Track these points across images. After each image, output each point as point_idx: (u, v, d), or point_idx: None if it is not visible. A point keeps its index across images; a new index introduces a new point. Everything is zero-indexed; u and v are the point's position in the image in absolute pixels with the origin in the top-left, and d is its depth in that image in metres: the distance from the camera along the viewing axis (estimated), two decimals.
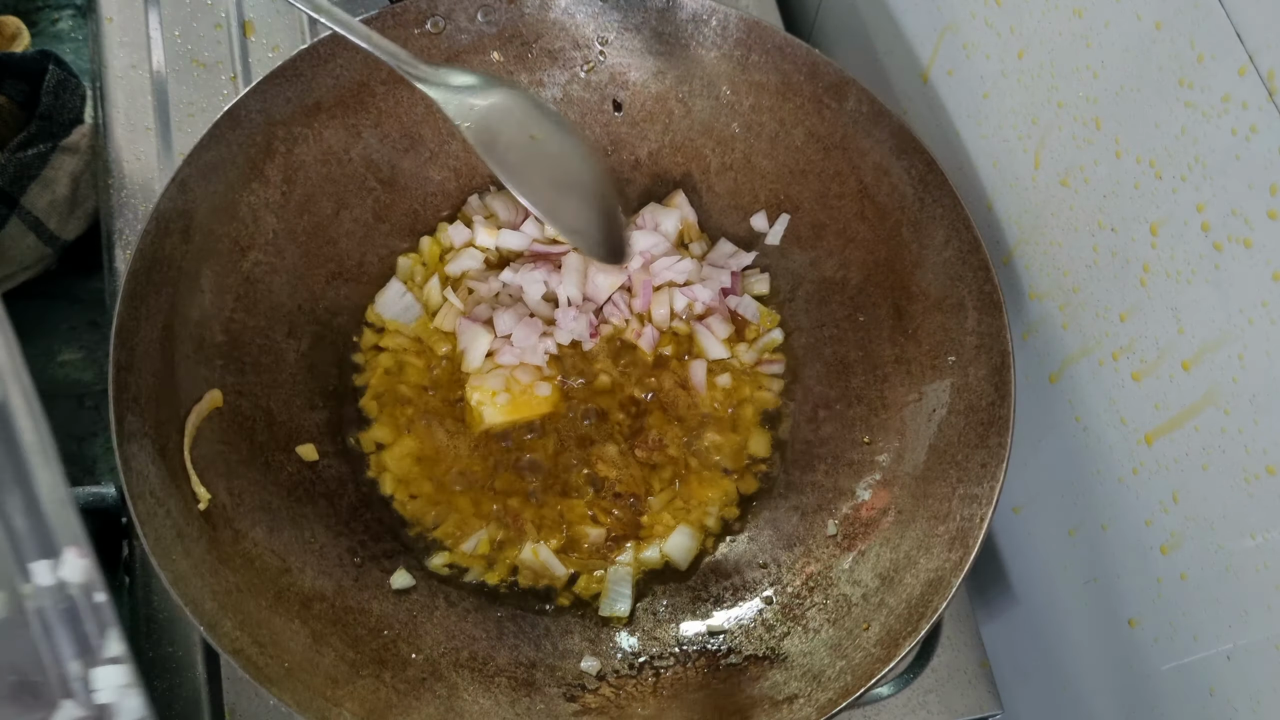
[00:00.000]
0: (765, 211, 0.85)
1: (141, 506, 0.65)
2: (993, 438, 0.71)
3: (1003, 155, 0.76)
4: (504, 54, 0.83)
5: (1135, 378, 0.66)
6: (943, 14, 0.79)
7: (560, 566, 0.78)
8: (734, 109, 0.84)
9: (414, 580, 0.76)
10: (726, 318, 0.85)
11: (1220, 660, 0.63)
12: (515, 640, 0.75)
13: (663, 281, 0.84)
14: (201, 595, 0.65)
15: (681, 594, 0.78)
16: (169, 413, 0.70)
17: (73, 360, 1.08)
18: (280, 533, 0.72)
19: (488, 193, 0.86)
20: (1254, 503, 0.58)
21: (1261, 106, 0.52)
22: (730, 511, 0.81)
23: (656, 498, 0.80)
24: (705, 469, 0.82)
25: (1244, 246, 0.55)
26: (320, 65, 0.78)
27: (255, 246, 0.76)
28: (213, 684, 0.76)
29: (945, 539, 0.70)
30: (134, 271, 0.70)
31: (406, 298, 0.82)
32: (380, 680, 0.68)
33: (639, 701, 0.72)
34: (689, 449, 0.82)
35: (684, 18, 0.82)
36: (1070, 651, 0.80)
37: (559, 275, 0.83)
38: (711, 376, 0.84)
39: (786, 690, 0.69)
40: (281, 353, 0.78)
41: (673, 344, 0.84)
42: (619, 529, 0.79)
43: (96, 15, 0.95)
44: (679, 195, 0.86)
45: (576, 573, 0.78)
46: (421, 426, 0.80)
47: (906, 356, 0.78)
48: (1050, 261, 0.73)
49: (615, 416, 0.82)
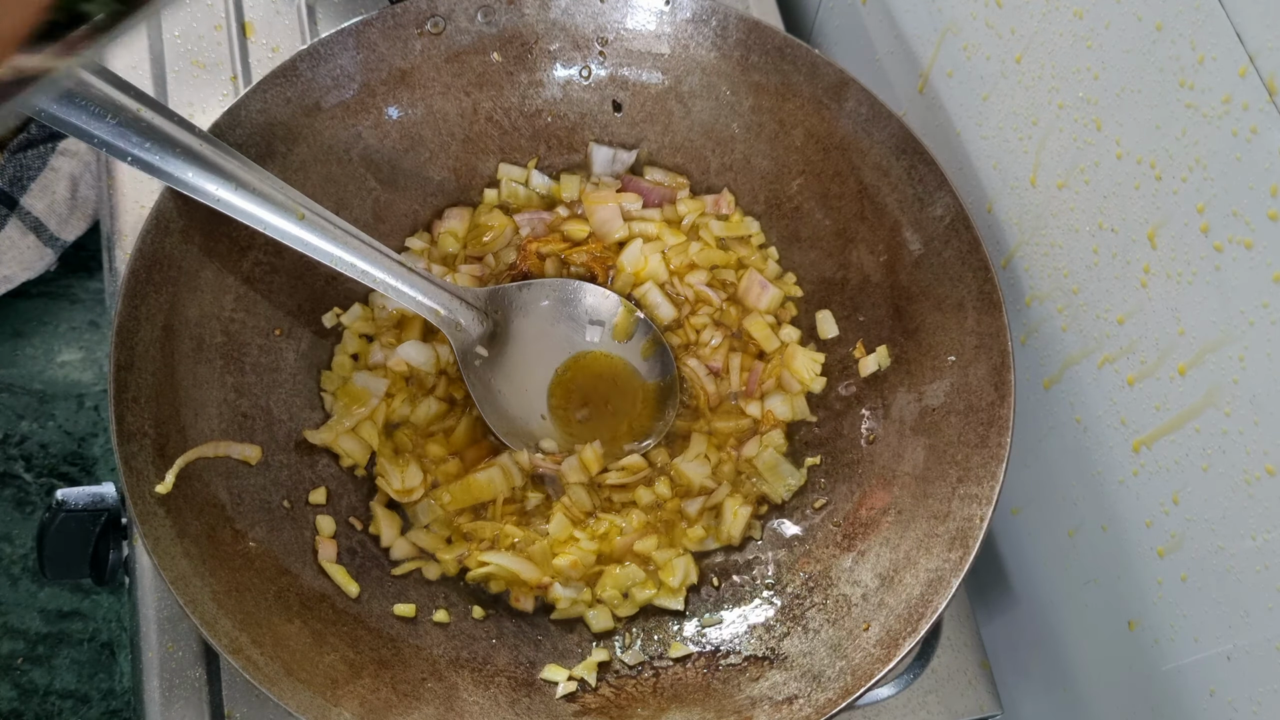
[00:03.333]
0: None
1: (141, 506, 0.65)
2: (993, 438, 0.71)
3: (1003, 156, 0.76)
4: (504, 54, 0.83)
5: (1135, 379, 0.66)
6: (943, 15, 0.79)
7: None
8: (734, 109, 0.84)
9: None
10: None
11: (1220, 661, 0.63)
12: (515, 640, 0.75)
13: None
14: (201, 595, 0.65)
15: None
16: (169, 412, 0.70)
17: (73, 360, 1.08)
18: (280, 533, 0.72)
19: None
20: (1254, 504, 0.58)
21: (1262, 108, 0.52)
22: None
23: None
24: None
25: (1244, 248, 0.55)
26: (320, 65, 0.78)
27: (255, 246, 0.76)
28: (213, 684, 0.76)
29: (945, 539, 0.70)
30: (134, 271, 0.70)
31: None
32: (380, 680, 0.68)
33: (639, 702, 0.72)
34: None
35: (684, 18, 0.82)
36: (1070, 652, 0.80)
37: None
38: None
39: (786, 690, 0.69)
40: (281, 353, 0.78)
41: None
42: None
43: None
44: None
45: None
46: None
47: (906, 356, 0.78)
48: (1050, 263, 0.73)
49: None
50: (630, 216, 0.86)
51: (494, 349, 0.80)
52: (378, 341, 0.81)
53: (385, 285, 0.73)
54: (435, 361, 0.81)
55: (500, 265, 0.85)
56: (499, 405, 0.80)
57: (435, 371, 0.81)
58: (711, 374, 0.83)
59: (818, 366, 0.82)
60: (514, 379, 0.81)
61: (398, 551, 0.76)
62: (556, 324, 0.82)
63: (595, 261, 0.84)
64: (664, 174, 0.87)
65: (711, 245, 0.85)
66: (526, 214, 0.86)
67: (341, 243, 0.71)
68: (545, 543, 0.77)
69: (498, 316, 0.80)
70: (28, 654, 1.02)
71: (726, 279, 0.85)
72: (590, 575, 0.77)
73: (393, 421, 0.79)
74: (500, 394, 0.80)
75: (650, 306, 0.84)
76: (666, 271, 0.84)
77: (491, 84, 0.84)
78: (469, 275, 0.84)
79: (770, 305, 0.84)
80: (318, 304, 0.80)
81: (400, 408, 0.79)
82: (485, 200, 0.86)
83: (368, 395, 0.79)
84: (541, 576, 0.76)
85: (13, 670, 1.01)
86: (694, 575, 0.78)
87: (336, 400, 0.79)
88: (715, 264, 0.85)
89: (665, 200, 0.86)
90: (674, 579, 0.77)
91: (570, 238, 0.85)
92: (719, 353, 0.83)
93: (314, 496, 0.75)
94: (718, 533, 0.79)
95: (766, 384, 0.83)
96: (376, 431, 0.78)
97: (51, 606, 1.04)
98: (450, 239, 0.84)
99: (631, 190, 0.86)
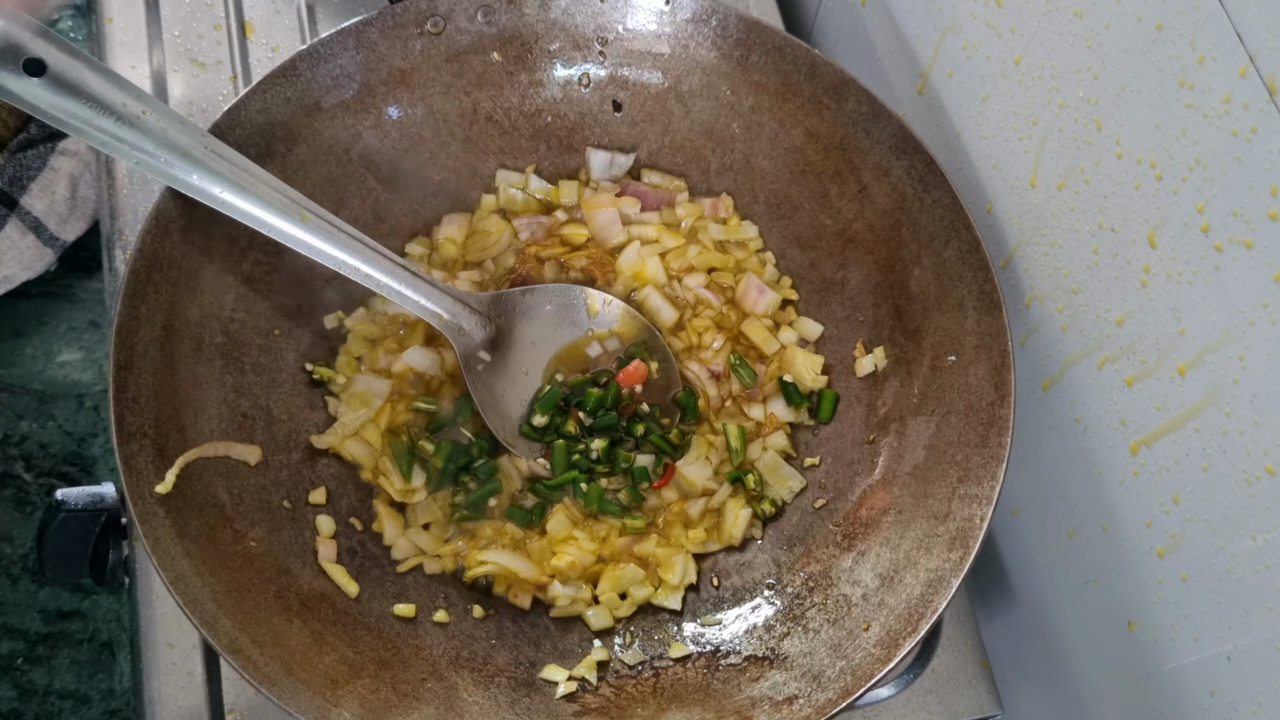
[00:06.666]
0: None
1: (141, 506, 0.65)
2: (993, 438, 0.71)
3: (1003, 156, 0.76)
4: (504, 54, 0.83)
5: (1135, 379, 0.66)
6: (943, 15, 0.79)
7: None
8: (734, 109, 0.84)
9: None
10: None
11: (1220, 661, 0.63)
12: (515, 640, 0.75)
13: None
14: (201, 595, 0.65)
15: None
16: (169, 412, 0.70)
17: (73, 360, 1.08)
18: (280, 533, 0.72)
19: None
20: (1254, 504, 0.58)
21: (1262, 108, 0.52)
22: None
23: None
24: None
25: (1244, 247, 0.55)
26: (320, 65, 0.78)
27: (255, 246, 0.76)
28: (213, 684, 0.76)
29: (945, 539, 0.70)
30: (134, 271, 0.70)
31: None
32: (380, 680, 0.68)
33: (639, 702, 0.72)
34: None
35: (684, 18, 0.82)
36: (1070, 652, 0.80)
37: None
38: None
39: (786, 690, 0.69)
40: (281, 353, 0.78)
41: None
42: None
43: (96, 15, 0.95)
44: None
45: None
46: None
47: (906, 356, 0.78)
48: (1050, 263, 0.73)
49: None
50: (629, 220, 0.86)
51: (496, 353, 0.80)
52: (381, 347, 0.81)
53: (389, 289, 0.73)
54: (440, 366, 0.81)
55: (500, 270, 0.85)
56: (501, 409, 0.80)
57: (442, 376, 0.81)
58: (713, 377, 0.83)
59: (818, 367, 0.82)
60: (516, 383, 0.81)
61: (400, 550, 0.76)
62: (559, 329, 0.82)
63: (594, 265, 0.84)
64: (662, 177, 0.87)
65: (710, 248, 0.85)
66: (525, 219, 0.86)
67: (345, 246, 0.71)
68: (544, 541, 0.77)
69: (500, 321, 0.80)
70: (28, 654, 1.02)
71: (725, 283, 0.85)
72: (590, 574, 0.77)
73: (396, 424, 0.79)
74: (503, 398, 0.80)
75: (651, 310, 0.84)
76: (665, 274, 0.84)
77: (491, 84, 0.84)
78: (469, 280, 0.84)
79: (768, 309, 0.84)
80: (318, 304, 0.80)
81: (403, 412, 0.79)
82: (483, 206, 0.86)
83: (371, 398, 0.79)
84: (540, 575, 0.76)
85: (13, 670, 1.01)
86: (693, 574, 0.78)
87: (341, 403, 0.79)
88: (713, 266, 0.85)
89: (663, 204, 0.86)
90: (673, 577, 0.77)
91: (569, 242, 0.85)
92: (720, 356, 0.83)
93: (314, 496, 0.75)
94: (719, 534, 0.79)
95: (768, 386, 0.83)
96: (380, 434, 0.78)
97: (51, 606, 1.04)
98: (450, 245, 0.84)
99: (630, 194, 0.86)
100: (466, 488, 0.79)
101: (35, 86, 0.61)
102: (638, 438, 0.80)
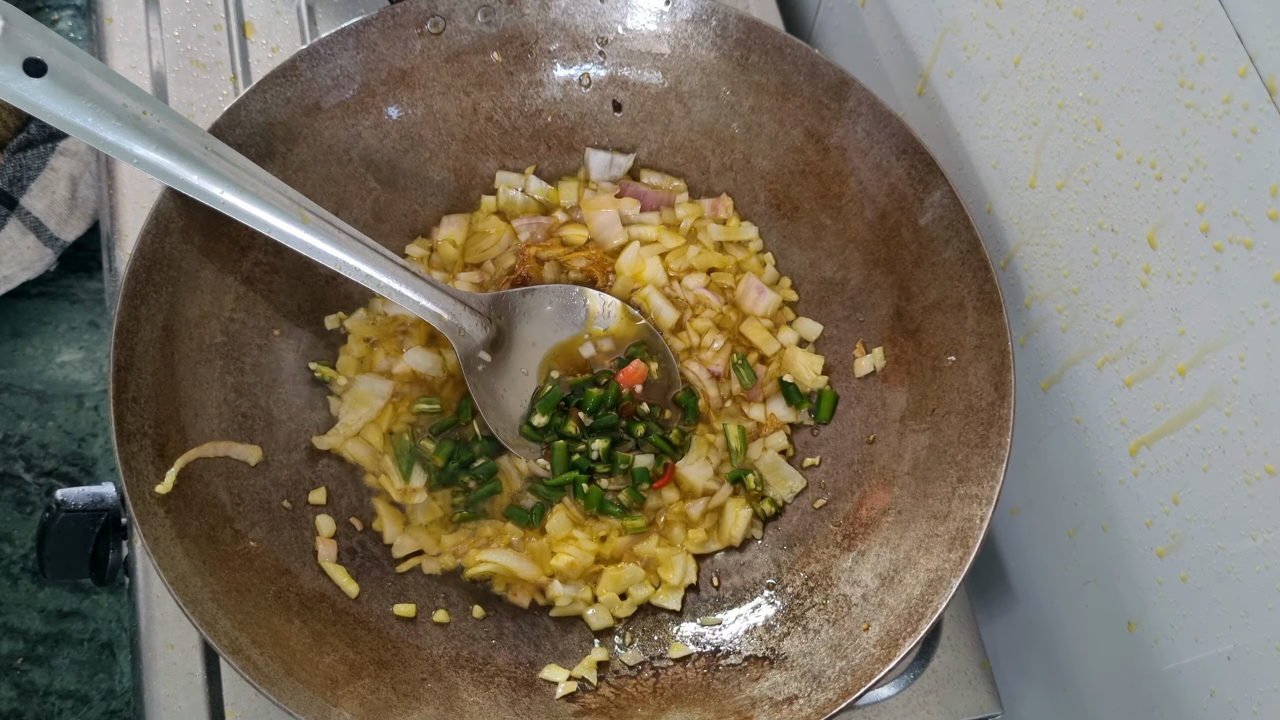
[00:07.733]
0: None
1: (141, 506, 0.65)
2: (993, 438, 0.71)
3: (1003, 156, 0.76)
4: (504, 54, 0.83)
5: (1135, 379, 0.66)
6: (943, 15, 0.79)
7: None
8: (734, 109, 0.84)
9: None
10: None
11: (1221, 661, 0.63)
12: (515, 640, 0.75)
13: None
14: (201, 595, 0.65)
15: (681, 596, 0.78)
16: (169, 412, 0.70)
17: (73, 360, 1.09)
18: (280, 533, 0.72)
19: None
20: (1254, 504, 0.58)
21: (1262, 108, 0.52)
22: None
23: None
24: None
25: (1244, 247, 0.55)
26: (320, 65, 0.78)
27: (255, 246, 0.76)
28: (213, 684, 0.76)
29: (945, 539, 0.70)
30: (134, 271, 0.70)
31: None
32: (380, 680, 0.68)
33: (639, 702, 0.72)
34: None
35: (684, 18, 0.82)
36: (1070, 652, 0.80)
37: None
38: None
39: (786, 690, 0.69)
40: (281, 353, 0.78)
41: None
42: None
43: (96, 15, 0.95)
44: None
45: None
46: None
47: (906, 357, 0.78)
48: (1050, 263, 0.73)
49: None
50: (629, 221, 0.86)
51: (497, 354, 0.80)
52: (381, 348, 0.81)
53: (389, 290, 0.73)
54: (441, 367, 0.81)
55: (499, 271, 0.85)
56: (502, 409, 0.80)
57: (443, 376, 0.81)
58: (713, 377, 0.83)
59: (818, 367, 0.82)
60: (516, 384, 0.81)
61: (401, 548, 0.76)
62: (559, 329, 0.82)
63: (594, 266, 0.84)
64: (661, 178, 0.87)
65: (709, 249, 0.85)
66: (525, 219, 0.86)
67: (346, 246, 0.71)
68: (544, 541, 0.77)
69: (501, 322, 0.80)
70: (28, 654, 1.02)
71: (725, 283, 0.85)
72: (589, 574, 0.77)
73: (397, 425, 0.79)
74: (503, 398, 0.80)
75: (651, 311, 0.84)
76: (665, 275, 0.84)
77: (491, 84, 0.84)
78: (469, 281, 0.84)
79: (767, 310, 0.84)
80: (318, 304, 0.80)
81: (405, 413, 0.79)
82: (483, 207, 0.86)
83: (372, 399, 0.79)
84: (540, 575, 0.76)
85: (13, 670, 1.01)
86: (693, 574, 0.78)
87: (342, 403, 0.79)
88: (713, 266, 0.85)
89: (663, 204, 0.86)
90: (673, 577, 0.77)
91: (569, 243, 0.85)
92: (720, 356, 0.83)
93: (314, 496, 0.75)
94: (719, 534, 0.79)
95: (768, 387, 0.83)
96: (381, 435, 0.78)
97: (51, 606, 1.04)
98: (449, 246, 0.84)
99: (629, 195, 0.86)
100: (466, 488, 0.79)
101: (36, 87, 0.61)
102: (638, 438, 0.80)
